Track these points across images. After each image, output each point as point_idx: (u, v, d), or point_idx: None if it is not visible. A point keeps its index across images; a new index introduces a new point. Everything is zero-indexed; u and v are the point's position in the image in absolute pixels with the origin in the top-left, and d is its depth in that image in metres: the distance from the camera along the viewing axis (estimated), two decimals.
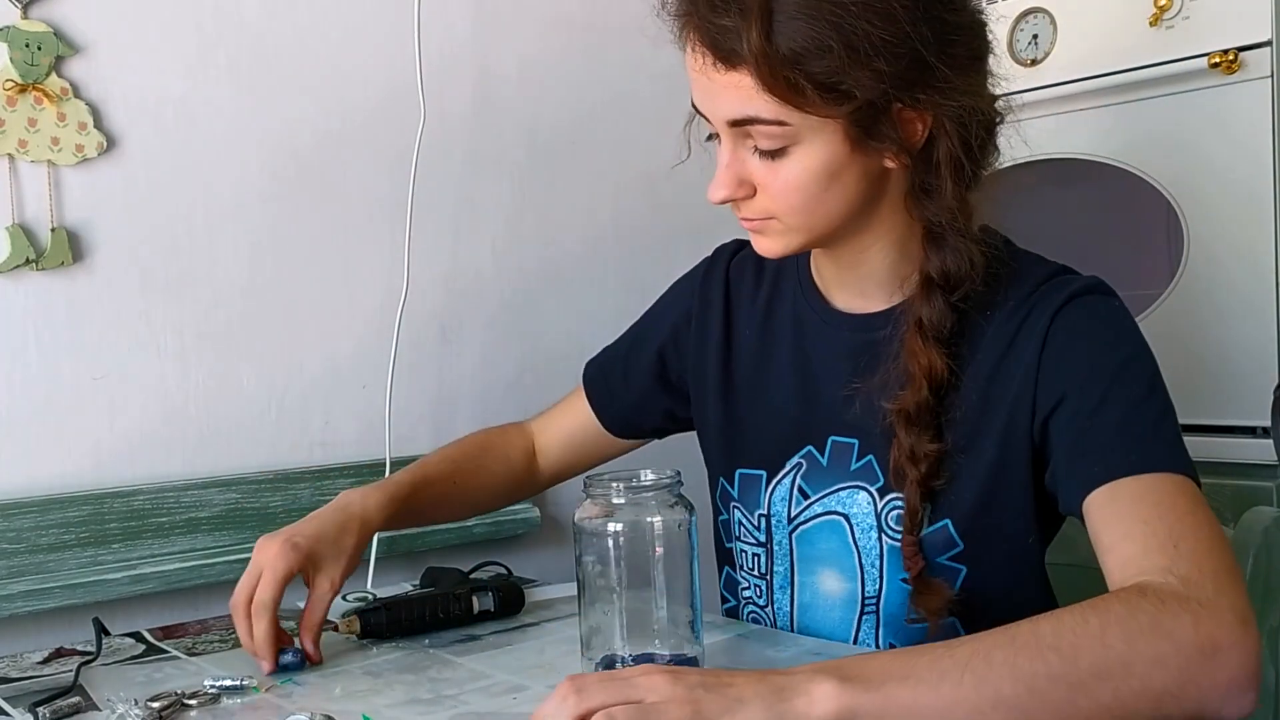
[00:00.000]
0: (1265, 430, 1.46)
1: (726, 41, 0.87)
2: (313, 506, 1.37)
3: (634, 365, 1.21)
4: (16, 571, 1.20)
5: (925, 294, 0.96)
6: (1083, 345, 0.93)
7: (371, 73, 1.46)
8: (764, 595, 1.08)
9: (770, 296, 1.11)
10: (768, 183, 0.93)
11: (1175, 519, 0.82)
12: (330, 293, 1.44)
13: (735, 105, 0.89)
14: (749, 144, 0.92)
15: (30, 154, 1.22)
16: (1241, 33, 1.48)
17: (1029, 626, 0.74)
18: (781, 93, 0.86)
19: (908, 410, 0.95)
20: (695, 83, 0.93)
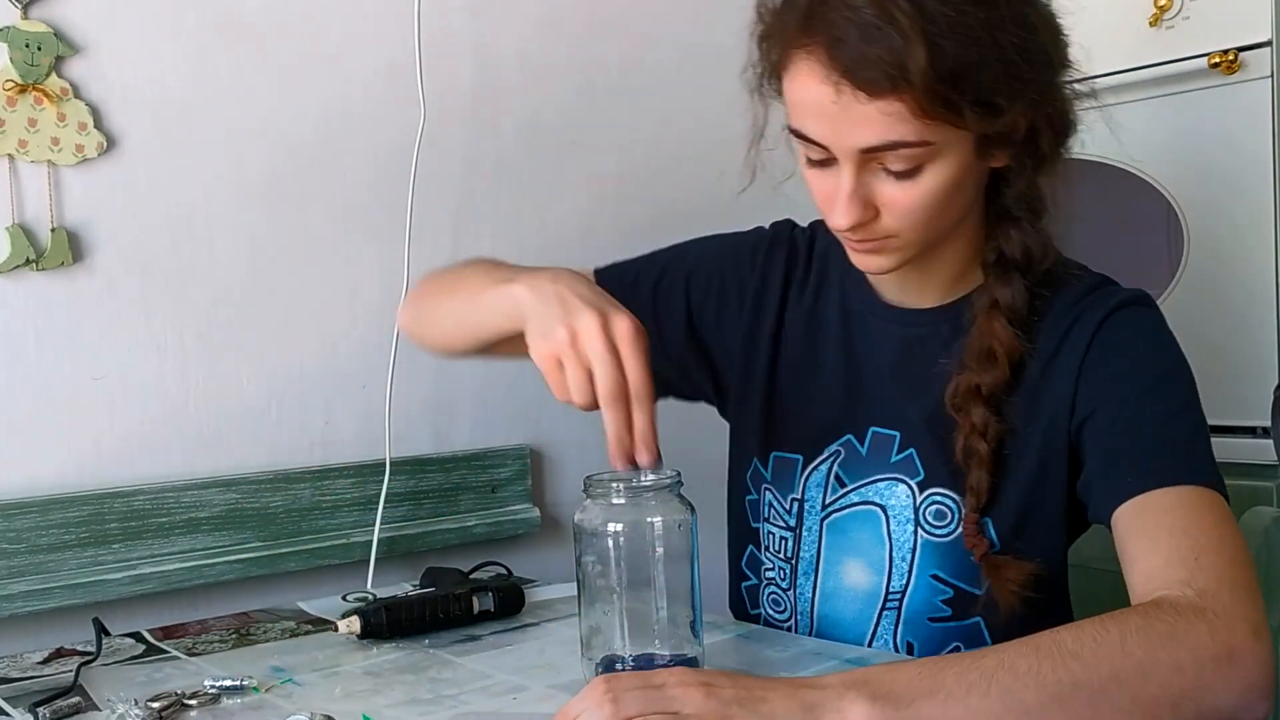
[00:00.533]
0: (1265, 430, 1.47)
1: (877, 68, 0.83)
2: (313, 506, 1.38)
3: (663, 298, 1.15)
4: (17, 571, 1.20)
5: (1003, 276, 0.97)
6: (1123, 356, 0.95)
7: (371, 72, 1.46)
8: (787, 578, 1.09)
9: (819, 283, 1.11)
10: (897, 202, 0.90)
11: (1200, 533, 0.84)
12: (330, 292, 1.44)
13: (878, 132, 0.86)
14: (876, 166, 0.89)
15: (30, 154, 1.22)
16: (1241, 33, 1.48)
17: (1050, 636, 0.76)
18: (938, 114, 0.84)
19: (986, 387, 0.96)
20: (819, 113, 0.88)
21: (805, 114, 0.90)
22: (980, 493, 0.97)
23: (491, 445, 1.55)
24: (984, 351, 0.97)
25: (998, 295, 0.97)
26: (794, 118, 0.91)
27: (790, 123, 0.92)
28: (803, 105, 0.89)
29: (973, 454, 0.97)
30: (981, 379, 0.96)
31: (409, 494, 1.46)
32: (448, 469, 1.49)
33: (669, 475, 0.89)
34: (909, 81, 0.82)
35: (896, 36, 0.82)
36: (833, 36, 0.85)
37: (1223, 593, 0.79)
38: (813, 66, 0.87)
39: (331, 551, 1.39)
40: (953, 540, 1.00)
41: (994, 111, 0.86)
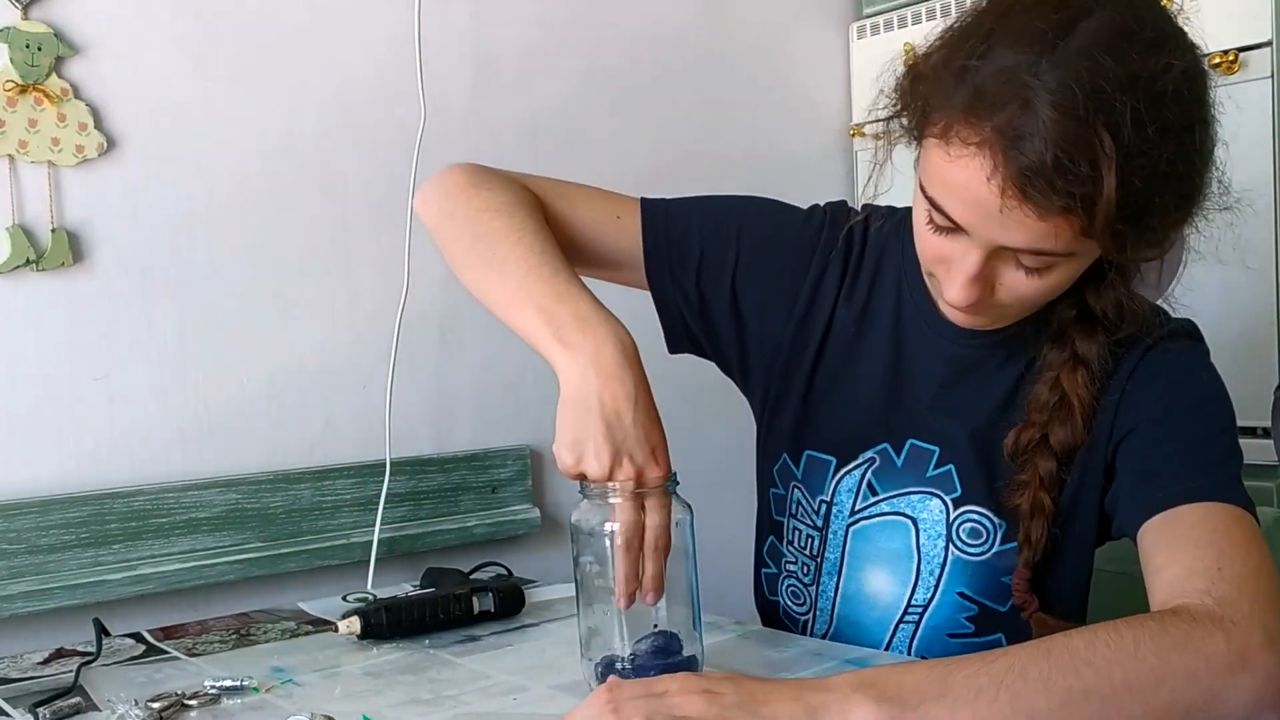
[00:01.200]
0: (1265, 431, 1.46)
1: (1059, 195, 0.77)
2: (313, 507, 1.38)
3: (711, 260, 1.07)
4: (17, 572, 1.20)
5: (1084, 331, 0.95)
6: (1165, 382, 0.95)
7: (372, 73, 1.46)
8: (811, 574, 1.08)
9: (873, 282, 1.06)
10: (1018, 290, 0.87)
11: (1226, 545, 0.83)
12: (330, 293, 1.44)
13: (1030, 240, 0.82)
14: (1009, 256, 0.85)
15: (30, 154, 1.22)
16: (1242, 33, 1.48)
17: (1063, 641, 0.75)
18: (1101, 242, 0.80)
19: (1059, 442, 0.95)
20: (969, 204, 0.82)
21: (952, 195, 0.83)
22: (1038, 548, 0.96)
23: (491, 445, 1.55)
24: (1057, 405, 0.95)
25: (1080, 350, 0.95)
26: (933, 186, 0.85)
27: (926, 186, 0.86)
28: (952, 187, 0.83)
29: (1038, 509, 0.95)
30: (1053, 432, 0.95)
31: (409, 494, 1.46)
32: (448, 469, 1.49)
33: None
34: (1089, 214, 0.78)
35: (1088, 167, 0.76)
36: (1015, 143, 0.78)
37: (1242, 602, 0.78)
38: (980, 160, 0.80)
39: (332, 552, 1.39)
40: (985, 560, 1.00)
41: (1151, 240, 0.83)
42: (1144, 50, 0.78)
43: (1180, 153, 0.80)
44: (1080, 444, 0.95)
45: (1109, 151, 0.76)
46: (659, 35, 1.73)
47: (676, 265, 1.06)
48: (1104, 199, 0.76)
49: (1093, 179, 0.76)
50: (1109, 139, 0.76)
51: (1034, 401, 0.96)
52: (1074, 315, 0.95)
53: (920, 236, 0.90)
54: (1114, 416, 0.95)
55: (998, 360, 1.00)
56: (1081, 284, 0.93)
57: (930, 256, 0.90)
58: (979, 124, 0.79)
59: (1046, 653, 0.74)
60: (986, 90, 0.79)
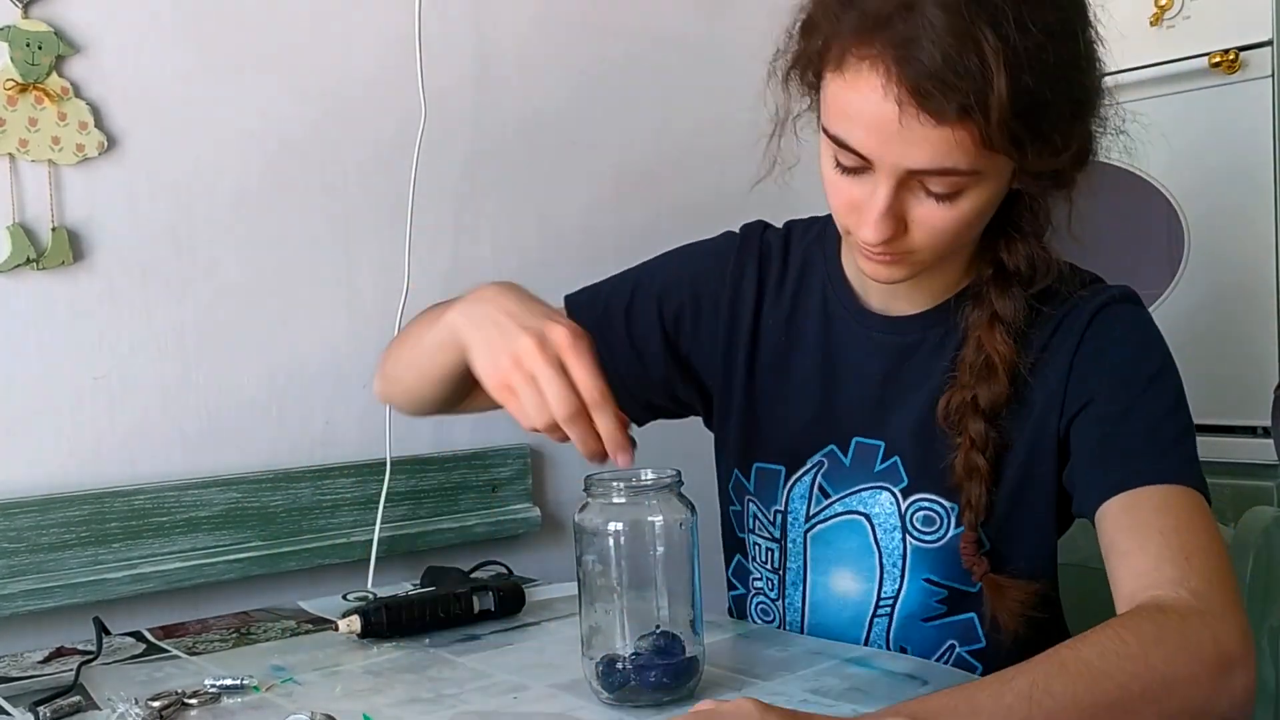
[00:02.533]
0: (1265, 430, 1.47)
1: (952, 95, 0.78)
2: (313, 506, 1.38)
3: (638, 320, 1.11)
4: (17, 571, 1.20)
5: (1002, 288, 0.96)
6: (1114, 352, 0.95)
7: (372, 72, 1.46)
8: (775, 588, 1.08)
9: (797, 288, 1.08)
10: (930, 222, 0.87)
11: (1190, 534, 0.84)
12: (331, 291, 1.44)
13: (933, 157, 0.82)
14: (915, 184, 0.86)
15: (31, 153, 1.22)
16: (1242, 32, 1.48)
17: (1073, 654, 0.75)
18: (1000, 147, 0.81)
19: (985, 401, 0.95)
20: (871, 127, 0.83)
21: (852, 123, 0.85)
22: (979, 509, 0.96)
23: (492, 444, 1.55)
24: (982, 365, 0.95)
25: (997, 308, 0.95)
26: (834, 122, 0.87)
27: (827, 125, 0.88)
28: (851, 114, 0.84)
29: (973, 470, 0.96)
30: (980, 392, 0.95)
31: (409, 493, 1.46)
32: (448, 468, 1.49)
33: (669, 474, 0.89)
34: (984, 114, 0.78)
35: (978, 64, 0.78)
36: (905, 51, 0.79)
37: (1214, 595, 0.80)
38: (874, 77, 0.81)
39: (332, 551, 1.39)
40: (943, 545, 0.99)
41: (1050, 148, 0.84)
42: None
43: (1067, 56, 0.83)
44: (1005, 401, 0.95)
45: (995, 47, 0.78)
46: (658, 32, 1.73)
47: (610, 338, 1.10)
48: (996, 95, 0.78)
49: (983, 76, 0.78)
50: (993, 36, 0.78)
51: (962, 365, 0.97)
52: (991, 274, 0.96)
53: (830, 189, 0.91)
54: (1064, 390, 0.95)
55: (932, 344, 1.00)
56: (994, 238, 0.95)
57: (841, 207, 0.91)
58: (870, 41, 0.81)
59: (1063, 668, 0.74)
60: (872, 6, 0.82)
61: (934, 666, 0.97)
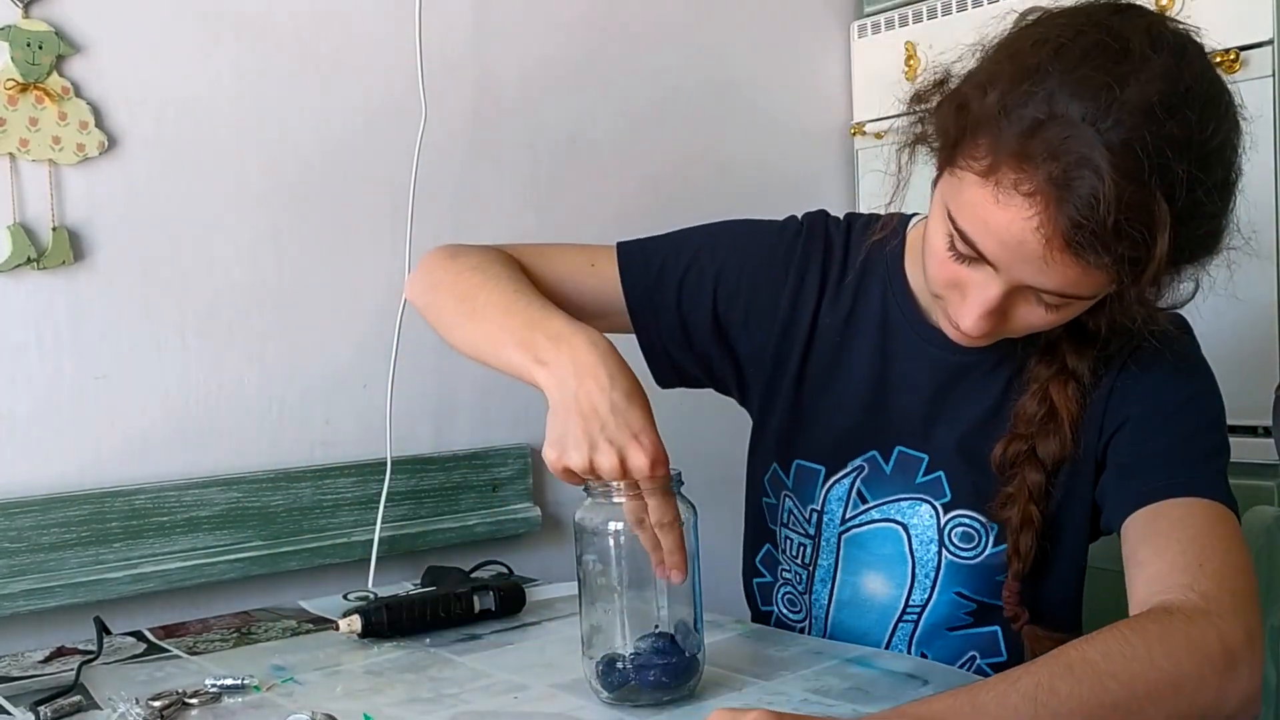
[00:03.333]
0: (1266, 430, 1.46)
1: (1110, 254, 0.76)
2: (314, 506, 1.38)
3: (690, 293, 1.08)
4: (18, 570, 1.20)
5: (1076, 347, 0.95)
6: (1155, 375, 0.95)
7: (373, 72, 1.46)
8: (804, 582, 1.08)
9: (857, 289, 1.05)
10: (1029, 321, 0.87)
11: (1207, 542, 0.84)
12: (331, 292, 1.44)
13: (1064, 286, 0.82)
14: (1029, 292, 0.85)
15: (31, 153, 1.22)
16: (1242, 32, 1.48)
17: (1078, 654, 0.75)
18: (1138, 296, 0.82)
19: (1047, 455, 0.95)
20: (1007, 247, 0.81)
21: (989, 236, 0.82)
22: (1027, 560, 0.96)
23: (492, 444, 1.55)
24: (1044, 417, 0.95)
25: (1071, 365, 0.95)
26: (967, 221, 0.83)
27: (956, 216, 0.84)
28: (992, 228, 0.81)
29: (1027, 521, 0.95)
30: (1039, 445, 0.95)
31: (410, 493, 1.46)
32: (448, 468, 1.49)
33: (670, 474, 0.89)
34: (1135, 276, 0.78)
35: (1142, 228, 0.75)
36: (1069, 200, 0.76)
37: (1224, 598, 0.79)
38: (1029, 209, 0.78)
39: (332, 550, 1.39)
40: (979, 563, 1.00)
41: (1178, 282, 0.85)
42: (1200, 109, 0.78)
43: (1220, 208, 0.81)
44: (1067, 456, 0.95)
45: (1164, 216, 0.75)
46: (659, 32, 1.73)
47: (657, 300, 1.07)
48: (1154, 262, 0.76)
49: (1145, 243, 0.76)
50: (1165, 204, 0.76)
51: (1021, 414, 0.96)
52: (1064, 331, 0.95)
53: (936, 259, 0.88)
54: (1104, 411, 0.95)
55: (987, 366, 1.00)
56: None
57: (944, 281, 0.89)
58: (1031, 171, 0.77)
59: (1069, 668, 0.74)
60: (1043, 138, 0.77)
61: (935, 666, 0.97)
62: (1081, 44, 0.79)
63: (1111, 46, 0.78)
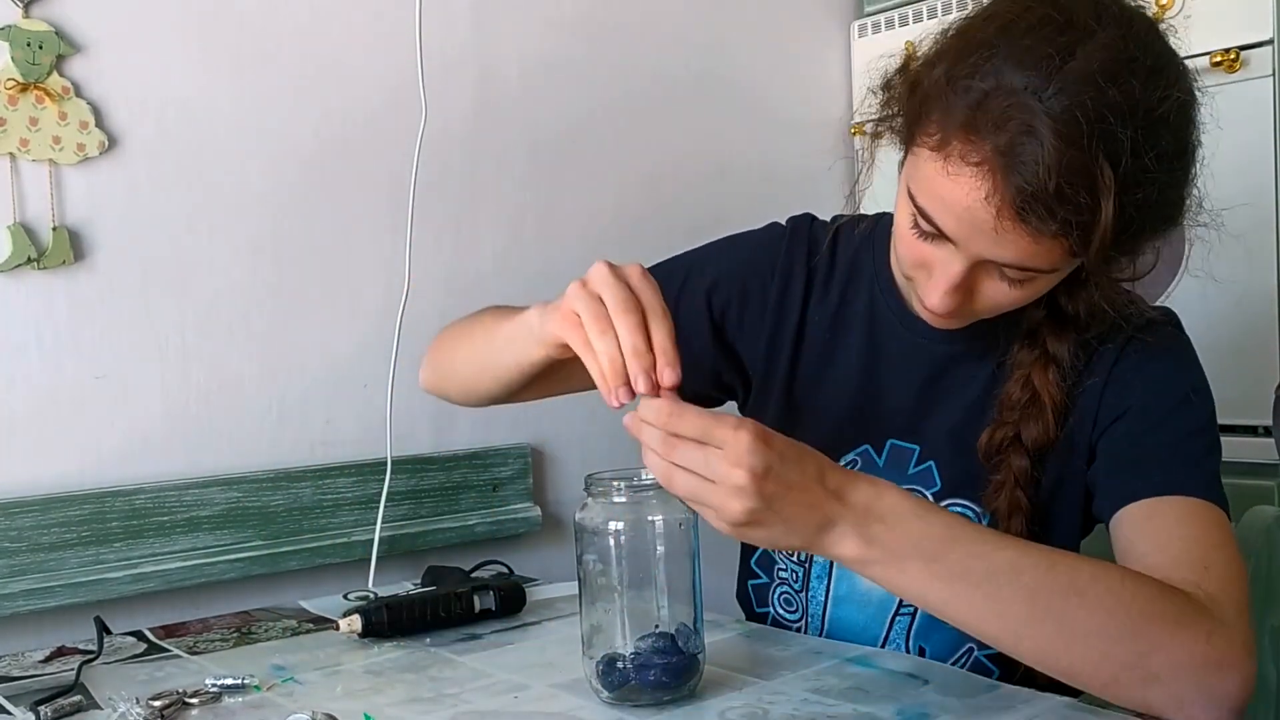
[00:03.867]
0: (1266, 430, 1.47)
1: (1056, 221, 0.77)
2: (314, 505, 1.39)
3: (688, 310, 1.09)
4: (18, 570, 1.20)
5: (1055, 332, 0.96)
6: (1150, 372, 0.95)
7: (373, 72, 1.46)
8: (800, 580, 1.08)
9: (845, 286, 1.07)
10: (995, 298, 0.88)
11: (1210, 545, 0.85)
12: (331, 292, 1.44)
13: (1020, 258, 0.82)
14: (991, 267, 0.86)
15: (32, 153, 1.22)
16: (1243, 32, 1.48)
17: (1072, 562, 0.78)
18: (1090, 263, 0.82)
19: (1031, 440, 0.95)
20: (962, 219, 0.82)
21: (945, 210, 0.83)
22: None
23: (492, 444, 1.55)
24: (1028, 403, 0.96)
25: (1052, 350, 0.96)
26: (924, 197, 0.85)
27: (915, 194, 0.86)
28: (946, 201, 0.83)
29: (1016, 507, 0.96)
30: (1024, 430, 0.96)
31: (410, 493, 1.46)
32: (449, 468, 1.49)
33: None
34: (1084, 241, 0.78)
35: (1088, 198, 0.77)
36: (1014, 168, 0.77)
37: (1229, 606, 0.80)
38: (978, 180, 0.79)
39: (333, 550, 1.39)
40: None
41: (1134, 257, 0.85)
42: (1145, 78, 0.79)
43: (1172, 179, 0.81)
44: (1052, 441, 0.96)
45: (1108, 182, 0.76)
46: (660, 34, 1.73)
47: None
48: (1100, 227, 0.77)
49: (1090, 208, 0.77)
50: (1109, 169, 0.76)
51: (1005, 400, 0.97)
52: (1045, 315, 0.96)
53: (902, 239, 0.90)
54: (1099, 404, 0.95)
55: (974, 355, 1.01)
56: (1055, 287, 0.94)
57: (911, 261, 0.91)
58: (979, 142, 0.79)
59: (1051, 566, 0.77)
60: (989, 109, 0.79)
61: (934, 666, 0.97)
62: (1028, 19, 0.80)
63: (1057, 20, 0.80)
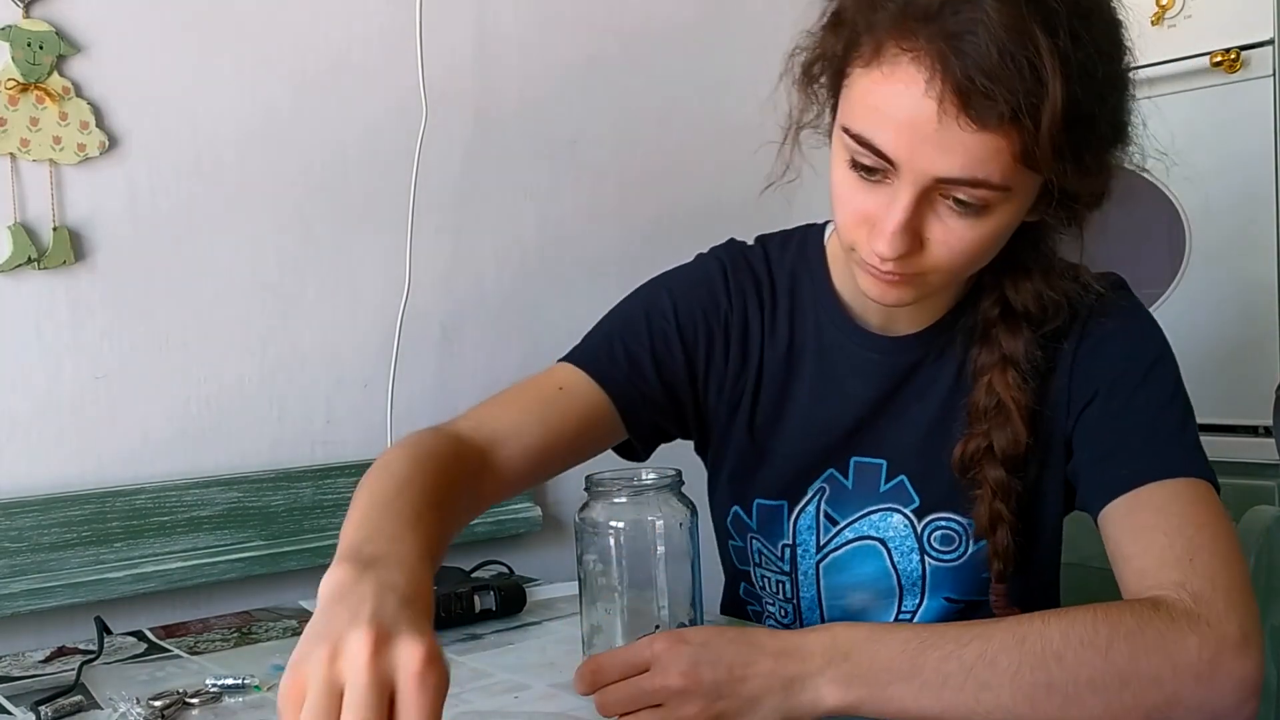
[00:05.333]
0: (1266, 429, 1.47)
1: (1002, 99, 0.73)
2: (315, 505, 1.39)
3: (665, 362, 1.02)
4: (19, 570, 1.20)
5: (1009, 329, 0.93)
6: (1114, 344, 0.93)
7: (374, 72, 1.46)
8: (790, 614, 1.06)
9: (792, 315, 1.02)
10: (948, 240, 0.82)
11: (1194, 530, 0.83)
12: (332, 292, 1.44)
13: (968, 165, 0.77)
14: (938, 196, 0.80)
15: (32, 153, 1.23)
16: (1243, 32, 1.48)
17: (1039, 628, 0.75)
18: (1042, 160, 0.76)
19: (1003, 449, 0.93)
20: (903, 126, 0.77)
21: (882, 121, 0.78)
22: (1007, 559, 0.94)
23: None
24: (994, 410, 0.93)
25: (1007, 350, 0.93)
26: (859, 119, 0.80)
27: (849, 123, 0.81)
28: (883, 111, 0.78)
29: (998, 520, 0.94)
30: (995, 440, 0.93)
31: None
32: None
33: (670, 474, 0.89)
34: (1034, 121, 0.74)
35: (1032, 68, 0.73)
36: (955, 45, 0.73)
37: (1216, 598, 0.78)
38: (915, 71, 0.75)
39: (333, 550, 1.37)
40: (962, 564, 0.98)
41: (1084, 171, 0.80)
42: None
43: (1114, 76, 0.80)
44: (1022, 448, 0.93)
45: (1051, 58, 0.73)
46: (661, 30, 1.73)
47: (640, 385, 1.00)
48: (1050, 102, 0.73)
49: (1038, 80, 0.73)
50: (1050, 43, 0.74)
51: (974, 410, 0.94)
52: (998, 314, 0.94)
53: (840, 199, 0.85)
54: (1069, 392, 0.94)
55: (930, 361, 0.98)
56: (1000, 276, 0.92)
57: (852, 219, 0.84)
58: (914, 37, 0.76)
59: (1021, 641, 0.75)
60: (920, 4, 0.76)
61: None
62: None
63: None
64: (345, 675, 0.57)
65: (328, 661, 0.58)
